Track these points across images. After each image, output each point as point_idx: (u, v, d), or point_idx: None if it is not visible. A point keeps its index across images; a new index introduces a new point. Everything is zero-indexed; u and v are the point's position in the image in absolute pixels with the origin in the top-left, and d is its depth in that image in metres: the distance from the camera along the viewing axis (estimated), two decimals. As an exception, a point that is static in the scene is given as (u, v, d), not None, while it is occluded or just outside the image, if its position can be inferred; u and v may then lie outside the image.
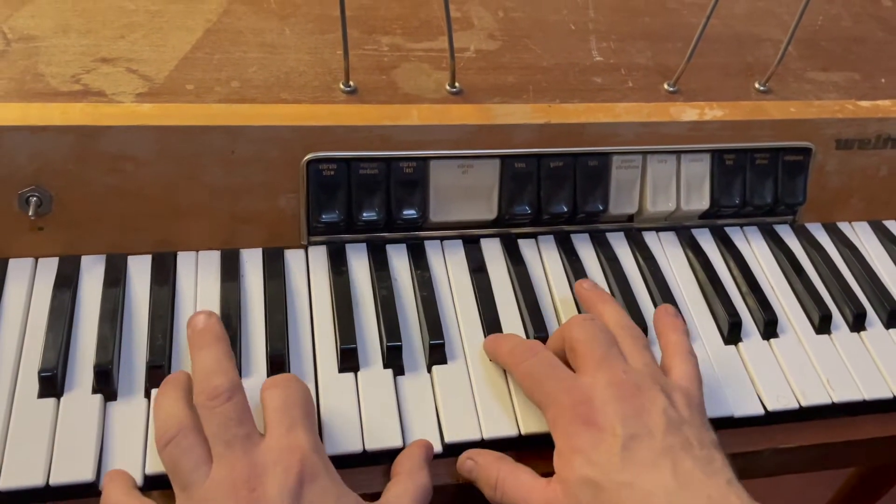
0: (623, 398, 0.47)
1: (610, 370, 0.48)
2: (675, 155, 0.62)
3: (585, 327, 0.50)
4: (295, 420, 0.44)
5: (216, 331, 0.47)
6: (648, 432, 0.45)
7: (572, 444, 0.46)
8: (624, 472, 0.44)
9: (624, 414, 0.46)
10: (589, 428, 0.46)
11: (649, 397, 0.47)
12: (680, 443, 0.45)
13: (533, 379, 0.49)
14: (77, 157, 0.52)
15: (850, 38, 0.73)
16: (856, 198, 0.67)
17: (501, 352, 0.52)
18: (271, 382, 0.46)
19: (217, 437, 0.43)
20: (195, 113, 0.54)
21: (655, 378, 0.49)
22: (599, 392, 0.47)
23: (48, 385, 0.48)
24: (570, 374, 0.49)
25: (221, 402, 0.44)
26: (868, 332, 0.60)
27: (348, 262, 0.58)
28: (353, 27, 0.63)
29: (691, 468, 0.44)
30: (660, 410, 0.46)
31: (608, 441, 0.45)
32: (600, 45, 0.67)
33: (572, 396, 0.47)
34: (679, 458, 0.44)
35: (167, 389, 0.46)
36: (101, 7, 0.60)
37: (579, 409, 0.46)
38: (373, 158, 0.57)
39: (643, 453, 0.45)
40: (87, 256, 0.55)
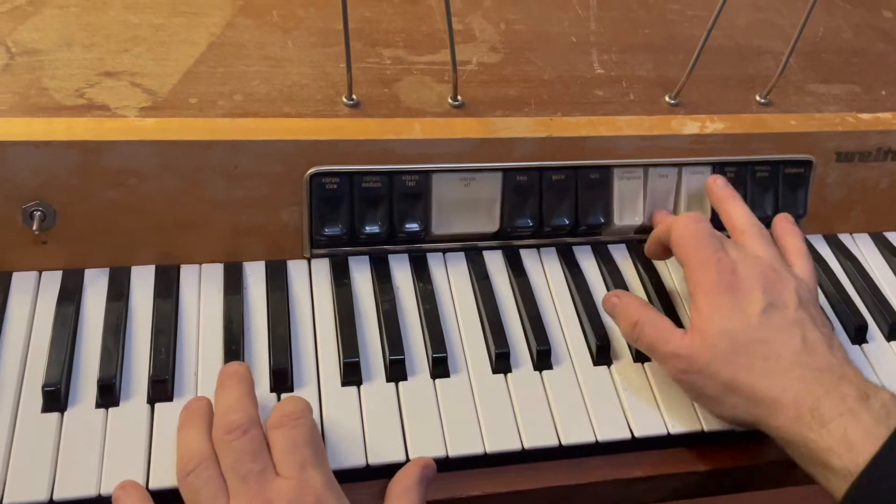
0: (763, 272, 0.53)
1: (756, 249, 0.55)
2: (676, 168, 0.62)
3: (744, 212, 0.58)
4: (306, 459, 0.44)
5: (242, 374, 0.49)
6: (783, 303, 0.51)
7: (713, 302, 0.51)
8: (760, 331, 0.50)
9: (764, 285, 0.52)
10: (733, 294, 0.51)
11: (783, 277, 0.53)
12: (808, 317, 0.51)
13: (692, 238, 0.54)
14: (81, 171, 0.52)
15: (850, 51, 0.74)
16: (857, 210, 0.68)
17: (663, 222, 0.59)
18: (278, 422, 0.46)
19: (233, 472, 0.44)
20: (198, 127, 0.54)
21: (784, 266, 0.55)
22: (743, 265, 0.53)
23: (52, 399, 0.48)
24: (721, 246, 0.54)
25: (237, 437, 0.44)
26: (869, 345, 0.60)
27: (351, 275, 0.58)
28: (356, 40, 0.63)
29: (817, 339, 0.50)
30: (791, 289, 0.52)
31: (749, 305, 0.51)
32: (602, 58, 0.67)
33: (723, 265, 0.52)
34: (807, 328, 0.50)
35: (190, 421, 0.47)
36: (104, 21, 0.61)
37: (725, 277, 0.52)
38: (375, 172, 0.57)
39: (777, 319, 0.51)
40: (91, 270, 0.55)
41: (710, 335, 0.50)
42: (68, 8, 0.61)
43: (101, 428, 0.48)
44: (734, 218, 0.58)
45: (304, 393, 0.51)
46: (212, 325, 0.54)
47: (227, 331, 0.53)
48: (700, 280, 0.53)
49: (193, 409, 0.48)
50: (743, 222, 0.57)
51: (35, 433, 0.47)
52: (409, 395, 0.52)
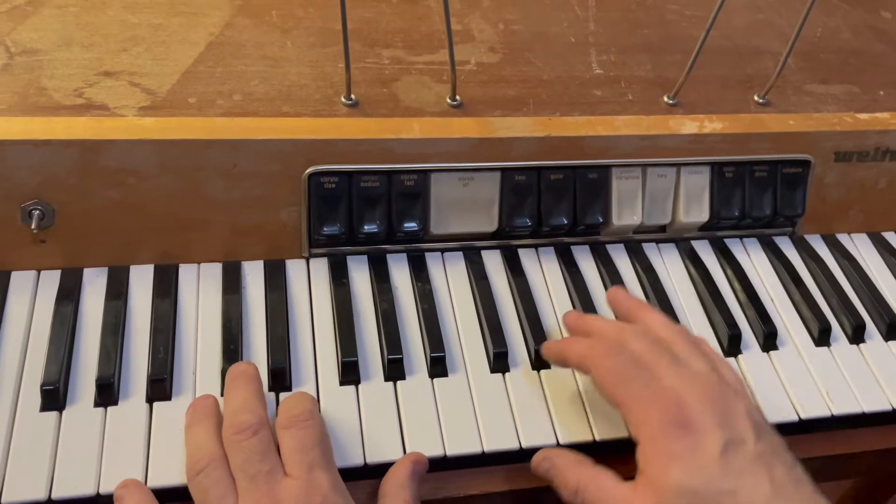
0: (712, 401, 0.45)
1: (687, 374, 0.47)
2: (674, 167, 0.62)
3: (645, 340, 0.49)
4: (314, 460, 0.45)
5: (251, 373, 0.49)
6: (741, 438, 0.44)
7: (664, 449, 0.44)
8: (724, 479, 0.43)
9: (717, 417, 0.44)
10: (686, 432, 0.44)
11: (731, 400, 0.46)
12: (769, 448, 0.45)
13: (617, 376, 0.47)
14: (79, 170, 0.52)
15: (849, 51, 0.74)
16: (855, 210, 0.68)
17: (574, 350, 0.50)
18: (287, 422, 0.46)
19: (241, 471, 0.44)
20: (197, 127, 0.54)
21: (724, 382, 0.48)
22: (688, 395, 0.45)
23: (50, 398, 0.48)
24: (654, 376, 0.47)
25: (247, 437, 0.45)
26: (867, 345, 0.60)
27: (349, 274, 0.58)
28: (355, 40, 0.63)
29: (783, 475, 0.43)
30: (744, 414, 0.45)
31: (707, 447, 0.43)
32: (600, 58, 0.67)
33: (663, 399, 0.45)
34: (771, 464, 0.44)
35: (198, 420, 0.47)
36: (103, 20, 0.61)
37: (672, 412, 0.45)
38: (374, 171, 0.57)
39: (740, 460, 0.43)
40: (90, 269, 0.55)
41: (665, 492, 0.43)
42: (67, 8, 0.61)
43: (100, 427, 0.48)
44: (652, 329, 0.51)
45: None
46: (210, 324, 0.54)
47: (225, 330, 0.53)
48: (641, 420, 0.45)
49: (201, 408, 0.48)
50: (664, 331, 0.51)
51: (33, 432, 0.47)
52: (407, 395, 0.52)
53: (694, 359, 0.49)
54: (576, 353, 0.50)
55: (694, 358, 0.49)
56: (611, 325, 0.52)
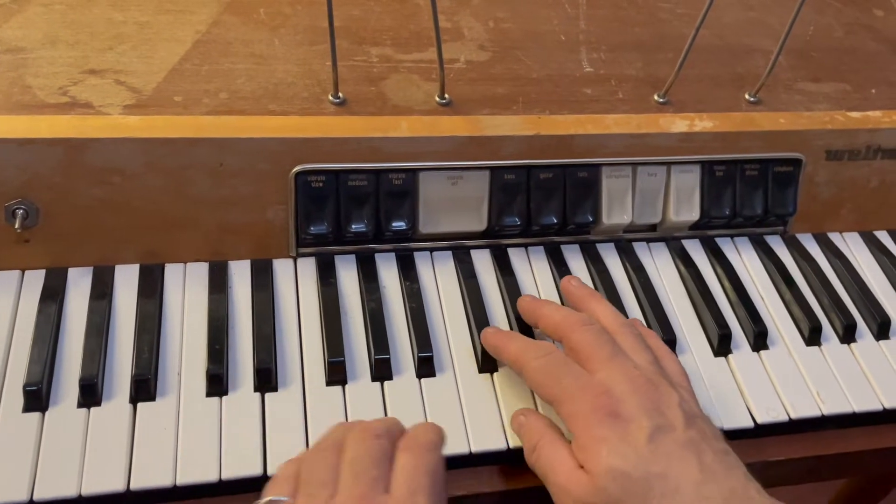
0: (641, 391, 0.47)
1: (622, 366, 0.48)
2: (665, 166, 0.62)
3: (587, 329, 0.50)
4: (420, 487, 0.43)
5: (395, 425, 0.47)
6: (670, 425, 0.46)
7: (595, 435, 0.45)
8: (653, 463, 0.44)
9: (645, 406, 0.46)
10: (613, 419, 0.46)
11: (664, 391, 0.48)
12: (699, 435, 0.46)
13: (547, 376, 0.49)
14: (64, 169, 0.52)
15: (841, 49, 0.73)
16: (846, 209, 0.67)
17: (509, 351, 0.52)
18: (407, 445, 0.45)
19: (350, 467, 0.43)
20: (183, 125, 0.54)
21: (661, 374, 0.49)
22: (617, 385, 0.47)
23: (33, 399, 0.48)
24: (584, 371, 0.49)
25: (370, 437, 0.44)
26: (858, 344, 0.60)
27: (337, 273, 0.58)
28: (343, 38, 0.63)
29: (712, 461, 0.45)
30: (675, 404, 0.47)
31: (634, 432, 0.45)
32: (591, 56, 0.67)
33: (592, 390, 0.47)
34: (701, 449, 0.45)
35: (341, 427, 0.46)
36: (89, 18, 0.60)
37: (600, 401, 0.46)
38: (362, 170, 0.56)
39: (668, 445, 0.45)
40: (74, 269, 0.55)
41: (599, 475, 0.44)
42: (53, 6, 0.61)
43: (83, 428, 0.48)
44: (599, 320, 0.53)
45: (289, 392, 0.51)
46: (196, 324, 0.53)
47: (211, 330, 0.53)
48: (573, 415, 0.47)
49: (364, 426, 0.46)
50: (609, 323, 0.52)
51: (16, 433, 0.47)
52: (394, 395, 0.52)
53: (636, 352, 0.50)
54: (509, 353, 0.52)
55: (636, 351, 0.50)
56: (558, 313, 0.53)
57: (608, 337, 0.50)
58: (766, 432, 0.55)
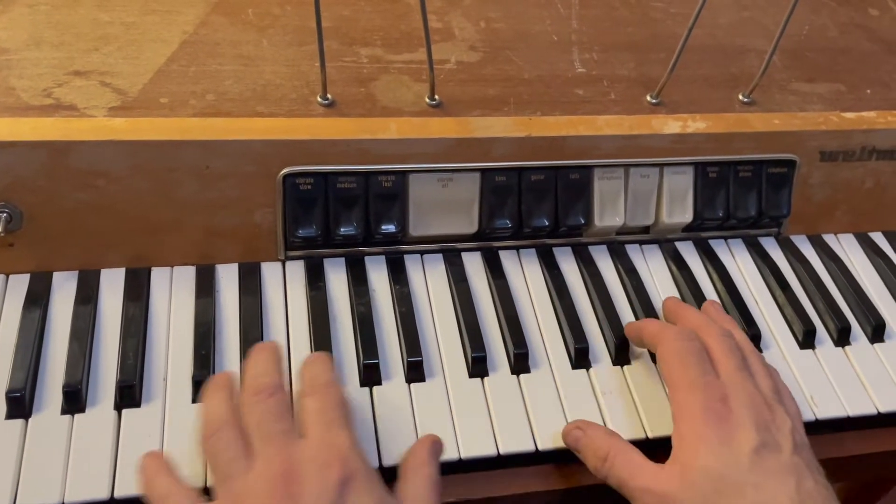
0: (757, 408, 0.48)
1: (745, 381, 0.49)
2: (657, 167, 0.61)
3: (724, 339, 0.52)
4: (334, 419, 0.44)
5: (271, 346, 0.48)
6: (778, 445, 0.46)
7: (701, 434, 0.46)
8: (751, 473, 0.44)
9: (757, 422, 0.47)
10: (722, 424, 0.46)
11: (779, 415, 0.48)
12: (805, 463, 0.46)
13: (680, 360, 0.50)
14: (48, 172, 0.51)
15: (835, 49, 0.73)
16: (841, 210, 0.67)
17: (651, 329, 0.53)
18: (310, 390, 0.45)
19: (257, 430, 0.43)
20: (168, 127, 0.53)
21: (780, 402, 0.50)
22: (737, 395, 0.48)
23: (16, 406, 0.47)
24: (714, 370, 0.50)
25: (263, 398, 0.44)
26: (852, 347, 0.60)
27: (326, 277, 0.57)
28: (333, 39, 0.62)
29: (812, 489, 0.45)
30: (788, 429, 0.47)
31: (740, 441, 0.46)
32: (583, 57, 0.66)
33: (713, 391, 0.48)
34: (803, 476, 0.45)
35: (213, 390, 0.46)
36: (74, 19, 0.59)
37: (716, 405, 0.47)
38: (351, 172, 0.56)
39: (772, 462, 0.45)
40: (59, 273, 0.54)
41: (693, 471, 0.45)
42: (38, 6, 0.60)
43: (67, 435, 0.47)
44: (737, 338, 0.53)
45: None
46: (182, 329, 0.53)
47: (197, 335, 0.52)
48: (685, 404, 0.48)
49: (217, 379, 0.47)
50: (743, 344, 0.53)
51: (-2, 440, 0.46)
52: (383, 400, 0.51)
53: (760, 375, 0.51)
54: (651, 330, 0.53)
55: (761, 375, 0.51)
56: (699, 318, 0.54)
57: (740, 353, 0.51)
58: (759, 437, 0.54)
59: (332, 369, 0.47)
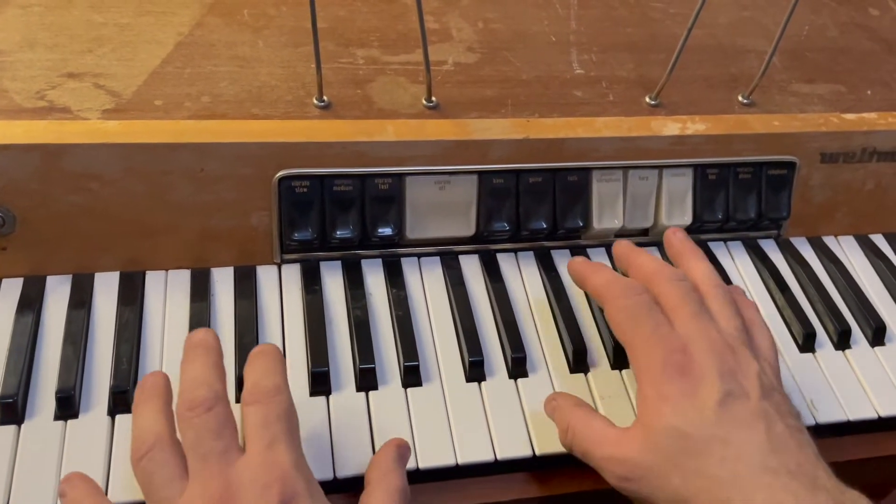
0: (719, 354, 0.45)
1: (704, 327, 0.47)
2: (656, 170, 0.61)
3: (677, 285, 0.49)
4: (276, 436, 0.41)
5: (209, 343, 0.44)
6: (744, 392, 0.44)
7: (662, 391, 0.44)
8: (718, 426, 0.43)
9: (721, 370, 0.45)
10: (684, 378, 0.44)
11: (743, 359, 0.46)
12: (773, 407, 0.44)
13: (630, 317, 0.48)
14: (41, 175, 0.51)
15: (836, 49, 0.72)
16: (841, 212, 0.66)
17: (595, 281, 0.51)
18: (252, 398, 0.42)
19: (193, 450, 0.40)
20: (163, 130, 0.52)
21: (745, 342, 0.47)
22: (695, 344, 0.46)
23: (8, 411, 0.47)
24: (667, 322, 0.47)
25: (200, 413, 0.41)
26: (853, 351, 0.59)
27: (322, 280, 0.57)
28: (329, 40, 0.62)
29: (783, 433, 0.43)
30: (754, 373, 0.45)
31: (704, 394, 0.44)
32: (581, 58, 0.66)
33: (669, 344, 0.46)
34: (773, 421, 0.43)
35: (146, 399, 0.43)
36: (68, 21, 0.59)
37: (675, 357, 0.45)
38: (347, 175, 0.55)
39: (738, 411, 0.43)
40: (53, 277, 0.54)
41: (656, 433, 0.43)
42: (31, 7, 0.59)
43: (60, 441, 0.47)
44: (694, 277, 0.51)
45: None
46: (176, 333, 0.52)
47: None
48: (644, 363, 0.46)
49: (148, 387, 0.43)
50: (704, 283, 0.50)
51: (-9, 447, 0.46)
52: (380, 406, 0.51)
53: (723, 316, 0.48)
54: (595, 283, 0.51)
55: (724, 315, 0.48)
56: (651, 263, 0.51)
57: (696, 296, 0.49)
58: (759, 441, 0.54)
59: (280, 369, 0.44)
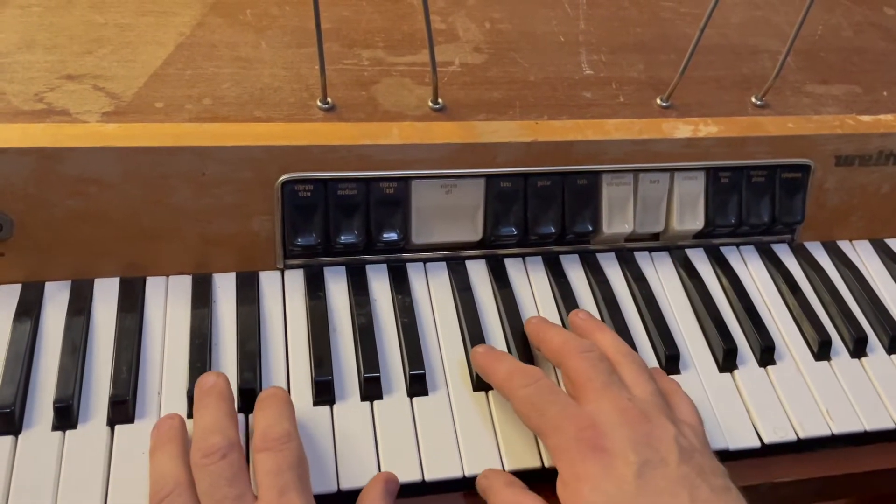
0: (631, 424, 0.44)
1: (615, 397, 0.46)
2: (668, 173, 0.60)
3: (584, 357, 0.48)
4: (288, 484, 0.42)
5: (221, 390, 0.46)
6: (662, 460, 0.43)
7: (578, 472, 0.43)
8: (638, 498, 0.42)
9: (635, 440, 0.44)
10: (597, 454, 0.43)
11: (658, 424, 0.45)
12: (695, 471, 0.43)
13: (533, 406, 0.47)
14: (38, 179, 0.50)
15: (850, 49, 0.71)
16: (856, 216, 0.65)
17: (497, 376, 0.49)
18: (263, 445, 0.44)
19: (208, 497, 0.41)
20: (163, 133, 0.51)
21: (661, 407, 0.47)
22: (606, 417, 0.45)
23: (5, 422, 0.46)
24: (572, 401, 0.47)
25: (215, 461, 0.42)
26: (869, 359, 0.58)
27: (326, 286, 0.56)
28: (333, 40, 0.61)
29: (709, 497, 0.42)
30: (671, 438, 0.44)
31: (620, 468, 0.43)
32: (591, 58, 0.64)
33: (577, 422, 0.45)
34: (696, 485, 0.42)
35: (163, 445, 0.45)
36: (68, 21, 0.58)
37: (585, 434, 0.44)
38: (351, 179, 0.54)
39: (658, 481, 0.42)
40: (51, 283, 0.53)
41: None
42: (30, 8, 0.58)
43: (58, 452, 0.46)
44: (604, 347, 0.50)
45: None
46: (177, 340, 0.51)
47: (193, 347, 0.51)
48: (556, 446, 0.45)
49: (165, 430, 0.45)
50: (615, 352, 0.50)
51: (-13, 458, 0.45)
52: (385, 415, 0.50)
53: (636, 383, 0.48)
54: (497, 378, 0.49)
55: (636, 382, 0.48)
56: (558, 337, 0.51)
57: (606, 366, 0.48)
58: (773, 452, 0.53)
59: (289, 415, 0.45)
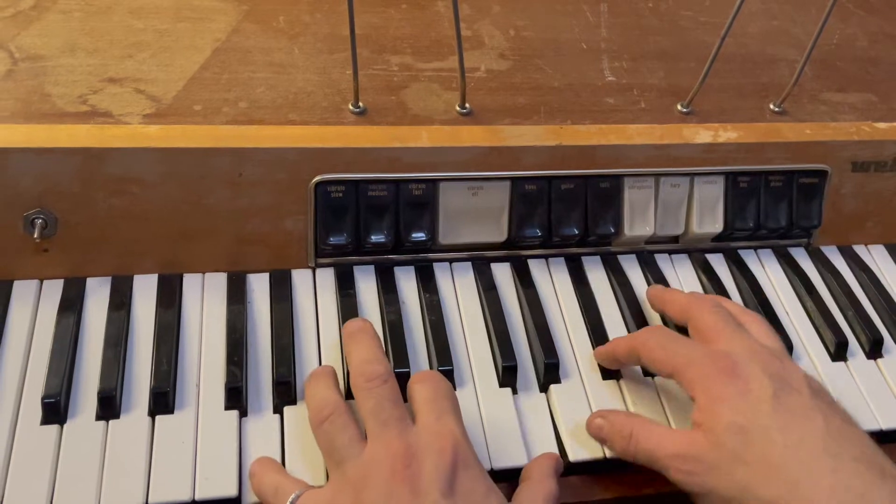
0: (763, 361, 0.47)
1: (745, 340, 0.49)
2: (688, 177, 0.61)
3: (714, 311, 0.51)
4: (444, 409, 0.46)
5: (370, 331, 0.50)
6: (795, 389, 0.45)
7: (715, 395, 0.45)
8: (775, 417, 0.44)
9: (769, 372, 0.46)
10: (734, 379, 0.46)
11: (788, 365, 0.47)
12: (826, 403, 0.45)
13: (665, 349, 0.49)
14: (82, 179, 0.52)
15: (866, 59, 0.72)
16: (872, 221, 0.66)
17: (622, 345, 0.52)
18: (419, 378, 0.48)
19: (373, 416, 0.45)
20: (202, 134, 0.53)
21: (788, 357, 0.49)
22: (739, 353, 0.47)
23: (51, 411, 0.48)
24: (707, 341, 0.49)
25: (378, 385, 0.46)
26: (885, 360, 0.59)
27: (356, 284, 0.57)
28: (363, 46, 0.63)
29: (842, 426, 0.44)
30: (801, 376, 0.47)
31: (756, 391, 0.45)
32: (613, 65, 0.66)
33: (712, 355, 0.47)
34: (829, 414, 0.44)
35: (318, 377, 0.49)
36: (108, 26, 0.60)
37: (722, 364, 0.46)
38: (381, 180, 0.56)
39: (793, 404, 0.44)
40: (93, 279, 0.54)
41: (717, 432, 0.44)
42: (72, 13, 0.60)
43: (101, 441, 0.47)
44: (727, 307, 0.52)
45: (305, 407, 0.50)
46: (214, 335, 0.53)
47: (229, 341, 0.52)
48: (694, 376, 0.47)
49: (319, 369, 0.50)
50: (737, 312, 0.52)
51: (34, 446, 0.46)
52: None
53: (763, 335, 0.50)
54: (623, 348, 0.52)
55: (763, 334, 0.50)
56: (684, 296, 0.54)
57: (734, 319, 0.51)
58: (791, 450, 0.54)
59: None
